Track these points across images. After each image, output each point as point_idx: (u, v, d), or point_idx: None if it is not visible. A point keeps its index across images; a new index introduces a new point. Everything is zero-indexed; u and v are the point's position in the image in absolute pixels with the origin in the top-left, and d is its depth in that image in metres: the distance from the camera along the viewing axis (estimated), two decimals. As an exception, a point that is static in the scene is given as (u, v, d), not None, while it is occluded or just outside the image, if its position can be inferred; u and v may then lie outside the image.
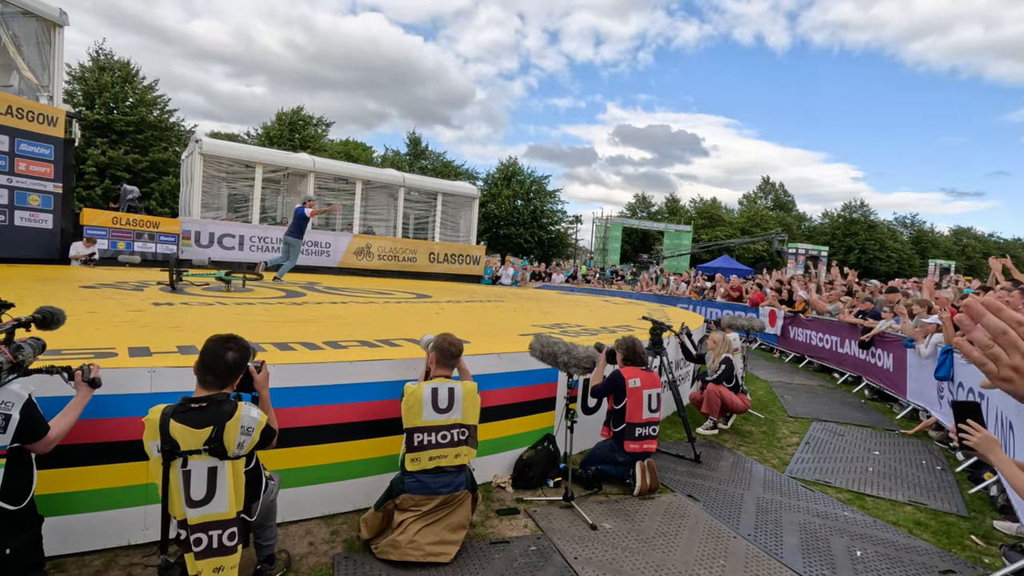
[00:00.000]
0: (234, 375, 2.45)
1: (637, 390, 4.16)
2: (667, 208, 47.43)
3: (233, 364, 2.42)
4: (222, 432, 2.26)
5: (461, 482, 3.07)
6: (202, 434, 2.25)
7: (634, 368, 4.26)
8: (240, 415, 2.32)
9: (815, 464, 5.03)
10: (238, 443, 2.30)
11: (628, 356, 4.33)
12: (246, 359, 2.50)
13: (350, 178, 15.87)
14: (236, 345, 2.44)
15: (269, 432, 2.46)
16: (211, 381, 2.38)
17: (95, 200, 23.20)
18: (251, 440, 2.33)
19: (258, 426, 2.36)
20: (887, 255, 45.13)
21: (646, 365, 4.37)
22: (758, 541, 3.48)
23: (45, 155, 10.89)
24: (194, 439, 2.24)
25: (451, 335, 3.33)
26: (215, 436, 2.25)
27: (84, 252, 11.14)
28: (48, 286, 7.03)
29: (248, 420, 2.34)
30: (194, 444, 2.24)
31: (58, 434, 2.32)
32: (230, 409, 2.33)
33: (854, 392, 8.36)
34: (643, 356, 4.37)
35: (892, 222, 51.09)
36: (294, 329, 4.74)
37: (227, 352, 2.40)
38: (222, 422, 2.28)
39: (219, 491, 2.26)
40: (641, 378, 4.20)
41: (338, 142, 40.67)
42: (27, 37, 10.91)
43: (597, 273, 24.50)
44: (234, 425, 2.30)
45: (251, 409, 2.39)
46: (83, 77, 26.75)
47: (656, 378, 4.35)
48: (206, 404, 2.32)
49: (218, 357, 2.39)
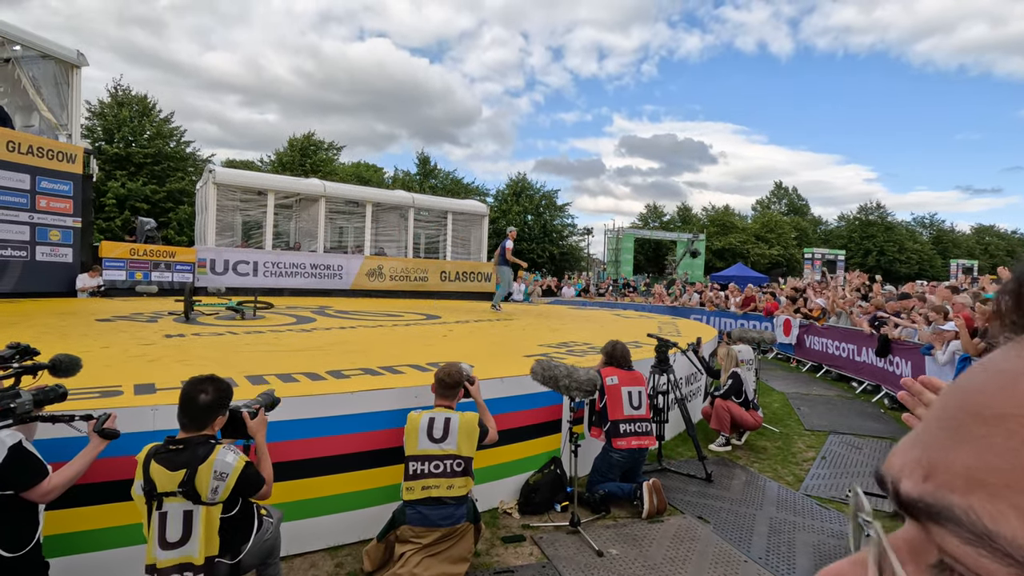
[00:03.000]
0: (209, 417, 2.42)
1: (615, 387, 4.27)
2: (679, 217, 47.18)
3: (206, 407, 2.39)
4: (194, 475, 2.25)
5: (462, 515, 3.05)
6: (176, 476, 2.25)
7: (612, 368, 4.39)
8: (214, 459, 2.29)
9: (831, 480, 4.91)
10: (212, 488, 2.26)
11: (607, 358, 4.49)
12: (223, 401, 2.47)
13: (360, 201, 16.11)
14: (211, 387, 2.42)
15: (253, 479, 2.40)
16: (187, 423, 2.39)
17: (115, 232, 23.78)
18: (225, 486, 2.29)
19: (233, 471, 2.31)
20: (907, 256, 44.28)
21: (628, 366, 4.48)
22: (769, 564, 3.39)
23: (64, 191, 11.23)
24: (169, 481, 2.25)
25: (452, 365, 3.36)
26: (187, 479, 2.24)
27: (91, 284, 11.39)
28: (65, 320, 7.21)
29: (222, 465, 2.30)
30: (170, 486, 2.24)
31: (59, 484, 2.27)
32: (204, 453, 2.31)
33: (873, 402, 8.17)
34: (622, 357, 4.47)
35: (910, 223, 50.27)
36: (299, 359, 4.79)
37: (199, 395, 2.39)
38: (195, 465, 2.26)
39: (193, 535, 2.26)
40: (619, 376, 4.33)
41: (349, 165, 41.32)
42: (46, 79, 11.35)
43: (610, 286, 24.40)
44: (207, 469, 2.27)
45: (227, 454, 2.34)
46: (102, 113, 27.63)
47: (638, 376, 4.45)
48: (183, 446, 2.32)
49: (191, 400, 2.39)
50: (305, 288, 14.39)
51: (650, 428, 4.42)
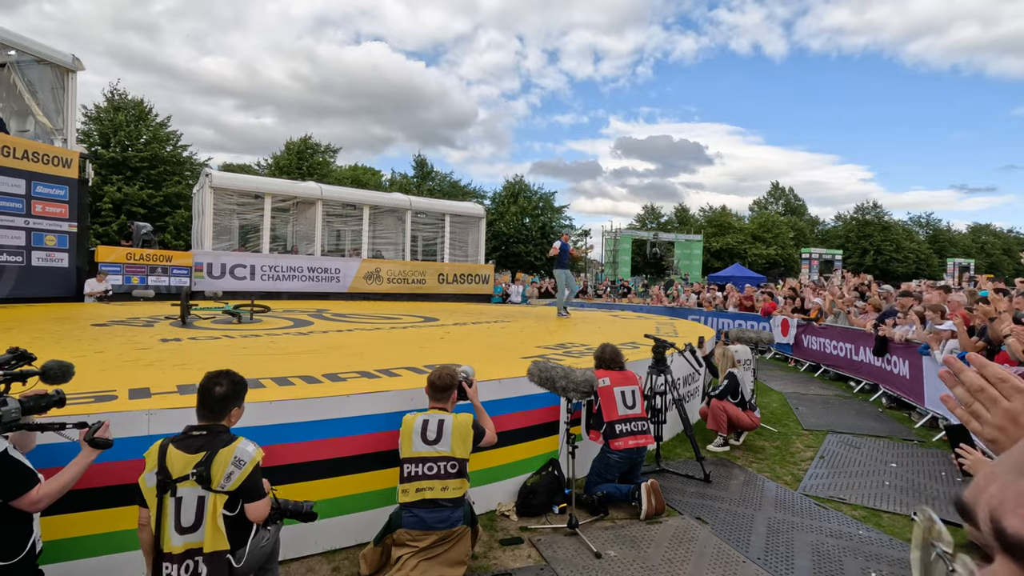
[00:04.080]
0: (226, 408, 2.54)
1: (607, 388, 4.28)
2: (677, 218, 47.22)
3: (221, 397, 2.51)
4: (212, 457, 2.32)
5: (458, 518, 3.04)
6: (194, 459, 2.32)
7: (603, 370, 4.39)
8: (236, 447, 2.38)
9: (829, 480, 4.91)
10: (226, 474, 2.32)
11: (597, 362, 4.50)
12: (239, 391, 2.60)
13: (357, 204, 16.09)
14: (226, 380, 2.55)
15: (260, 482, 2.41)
16: (205, 413, 2.50)
17: (111, 236, 23.72)
18: (240, 473, 2.33)
19: (251, 461, 2.38)
20: (904, 256, 44.37)
21: (619, 367, 4.48)
22: (768, 565, 3.39)
23: (60, 196, 11.19)
24: (185, 464, 2.31)
25: (444, 368, 3.35)
26: (205, 460, 2.31)
27: (99, 289, 11.37)
28: (62, 325, 7.17)
29: (242, 453, 2.38)
30: (185, 469, 2.30)
31: (48, 493, 2.24)
32: (227, 439, 2.42)
33: (871, 401, 8.17)
34: (611, 359, 4.47)
35: (907, 222, 50.39)
36: (296, 362, 4.77)
37: (215, 387, 2.52)
38: (215, 448, 2.35)
39: (203, 522, 2.30)
40: (610, 377, 4.34)
41: (346, 168, 41.27)
42: (42, 83, 11.31)
43: (608, 287, 24.39)
44: (227, 453, 2.35)
45: (248, 445, 2.43)
46: (99, 117, 27.56)
47: (629, 376, 4.46)
48: (205, 432, 2.43)
49: (207, 392, 2.52)
50: (302, 291, 14.36)
51: (647, 427, 4.42)
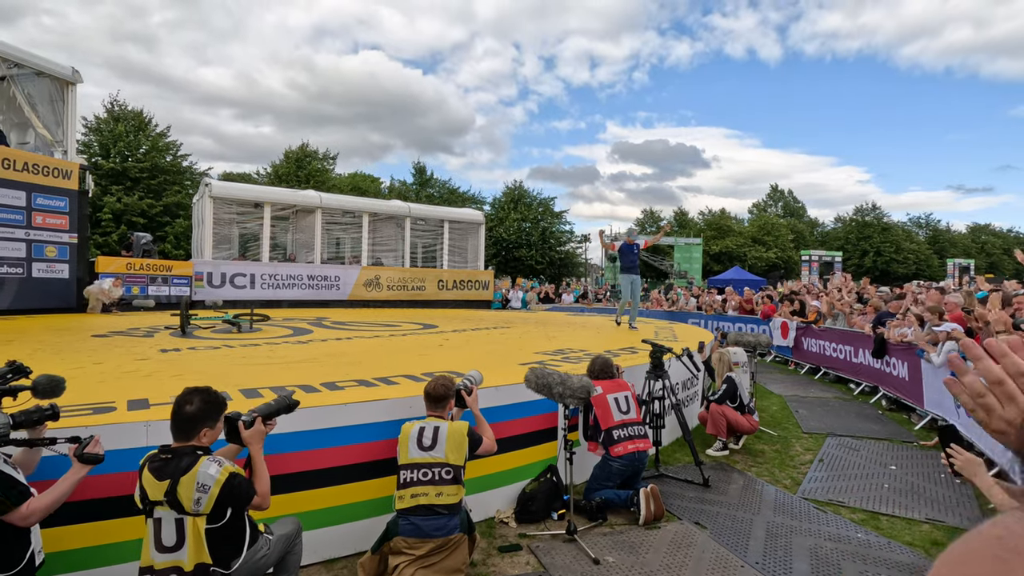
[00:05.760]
0: (195, 428, 2.42)
1: (600, 397, 4.30)
2: (676, 222, 47.25)
3: (190, 417, 2.40)
4: (176, 486, 2.27)
5: (455, 525, 3.05)
6: (162, 486, 2.28)
7: (596, 380, 4.40)
8: (197, 471, 2.29)
9: (829, 483, 4.91)
10: (194, 499, 2.27)
11: (588, 374, 4.51)
12: (210, 411, 2.47)
13: (356, 211, 16.14)
14: (197, 398, 2.43)
15: (239, 490, 2.37)
16: (175, 434, 2.43)
17: (111, 246, 23.80)
18: (208, 497, 2.28)
19: (216, 483, 2.29)
20: (904, 257, 44.37)
21: (610, 375, 4.54)
22: (766, 569, 3.39)
23: (60, 207, 11.24)
24: (157, 490, 2.28)
25: (441, 379, 3.38)
26: (171, 490, 2.27)
27: (115, 294, 11.40)
28: (62, 337, 7.19)
29: (204, 477, 2.29)
30: (157, 495, 2.28)
31: (38, 508, 2.23)
32: (188, 464, 2.31)
33: (871, 403, 8.17)
34: (601, 370, 4.53)
35: (906, 223, 50.41)
36: (294, 371, 4.79)
37: (185, 405, 2.41)
38: (177, 476, 2.28)
39: (185, 542, 2.29)
40: (602, 386, 4.37)
41: (345, 176, 41.35)
42: (41, 96, 11.38)
43: (608, 291, 24.39)
44: (189, 480, 2.27)
45: (210, 466, 2.32)
46: (98, 128, 27.68)
47: (621, 383, 4.51)
48: (170, 456, 2.35)
49: (177, 410, 2.42)
50: (302, 300, 14.38)
51: (644, 431, 4.44)
